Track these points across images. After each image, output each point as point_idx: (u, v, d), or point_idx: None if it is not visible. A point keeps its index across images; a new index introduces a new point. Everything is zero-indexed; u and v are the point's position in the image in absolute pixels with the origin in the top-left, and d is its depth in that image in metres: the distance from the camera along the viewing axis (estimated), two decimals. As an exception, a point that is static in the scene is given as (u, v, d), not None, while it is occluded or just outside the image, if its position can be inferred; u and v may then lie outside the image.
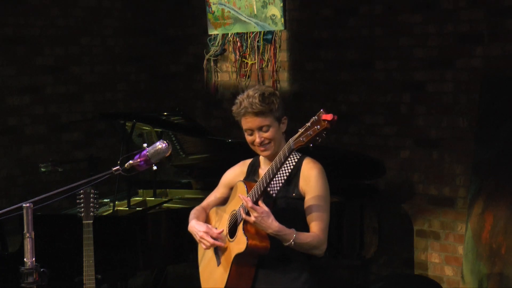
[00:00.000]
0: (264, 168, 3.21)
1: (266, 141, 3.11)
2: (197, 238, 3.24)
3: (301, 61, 6.09)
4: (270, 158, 3.14)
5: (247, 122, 3.11)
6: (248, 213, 3.01)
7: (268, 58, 6.23)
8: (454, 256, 5.34)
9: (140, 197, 5.48)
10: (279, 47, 6.15)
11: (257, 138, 3.10)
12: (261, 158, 3.26)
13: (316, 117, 2.82)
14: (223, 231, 3.20)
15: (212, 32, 6.51)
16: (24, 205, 2.79)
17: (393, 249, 5.65)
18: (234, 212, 3.16)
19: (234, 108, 3.15)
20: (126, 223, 4.79)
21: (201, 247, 3.34)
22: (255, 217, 2.96)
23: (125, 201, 5.15)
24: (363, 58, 5.71)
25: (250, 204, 2.95)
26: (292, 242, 2.98)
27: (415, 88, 5.45)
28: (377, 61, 5.64)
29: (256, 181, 3.09)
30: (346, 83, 5.82)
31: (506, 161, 4.86)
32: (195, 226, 3.25)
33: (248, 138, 3.15)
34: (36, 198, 2.89)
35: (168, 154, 3.12)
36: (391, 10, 5.53)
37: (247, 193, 3.04)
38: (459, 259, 5.27)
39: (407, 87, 5.49)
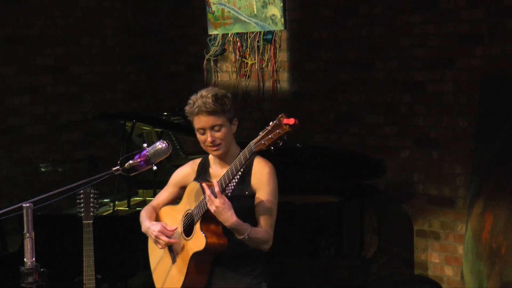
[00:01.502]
0: (214, 168, 3.29)
1: (218, 141, 3.19)
2: (152, 238, 3.30)
3: (301, 61, 6.09)
4: (221, 157, 3.24)
5: (200, 122, 3.19)
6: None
7: (268, 58, 6.23)
8: (454, 256, 5.34)
9: (140, 197, 5.48)
10: (279, 47, 6.15)
11: (209, 137, 3.18)
12: (211, 158, 3.33)
13: (277, 121, 2.89)
14: (176, 228, 3.27)
15: (212, 32, 6.51)
16: (24, 205, 2.79)
17: (393, 249, 5.65)
18: (190, 212, 3.23)
19: (187, 107, 3.25)
20: (126, 223, 4.78)
21: (151, 248, 3.44)
22: (218, 205, 3.02)
23: (125, 201, 5.15)
24: (363, 58, 5.71)
25: (217, 189, 3.02)
26: (246, 236, 3.07)
27: (415, 88, 5.45)
28: (377, 61, 5.64)
29: (208, 180, 3.18)
30: (346, 83, 5.82)
31: (506, 161, 4.86)
32: (150, 227, 3.31)
33: (200, 138, 3.23)
34: (36, 198, 2.89)
35: (168, 154, 3.12)
36: (391, 10, 5.53)
37: (203, 193, 3.10)
38: (459, 259, 5.27)
39: (407, 87, 5.49)
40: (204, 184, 3.10)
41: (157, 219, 3.43)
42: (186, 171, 3.41)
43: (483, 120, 5.03)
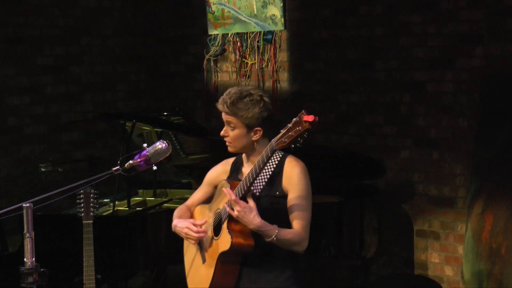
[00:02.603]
0: (247, 167, 3.25)
1: (226, 138, 3.20)
2: (182, 235, 3.29)
3: (301, 61, 6.09)
4: (251, 156, 3.21)
5: (222, 114, 3.23)
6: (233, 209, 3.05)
7: (268, 58, 6.23)
8: (454, 256, 5.34)
9: (140, 197, 5.49)
10: (279, 47, 6.15)
11: (222, 130, 3.22)
12: (244, 157, 3.30)
13: (297, 118, 2.86)
14: (205, 222, 3.24)
15: (212, 32, 6.51)
16: (24, 205, 2.79)
17: (393, 249, 5.65)
18: (219, 210, 3.20)
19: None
20: (126, 223, 4.79)
21: (186, 245, 3.42)
22: (237, 211, 2.99)
23: (125, 201, 5.15)
24: (363, 58, 5.71)
25: (233, 197, 3.00)
26: (274, 238, 3.01)
27: (415, 88, 5.45)
28: (377, 61, 5.64)
29: (239, 180, 3.13)
30: (346, 83, 5.82)
31: (506, 161, 4.86)
32: (178, 225, 3.31)
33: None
34: (36, 198, 2.88)
35: (168, 154, 3.12)
36: (391, 10, 5.53)
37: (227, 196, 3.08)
38: (459, 259, 5.27)
39: (407, 87, 5.49)
40: (226, 190, 3.05)
41: (191, 218, 3.40)
42: (219, 170, 3.39)
43: (483, 120, 5.03)
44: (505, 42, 4.98)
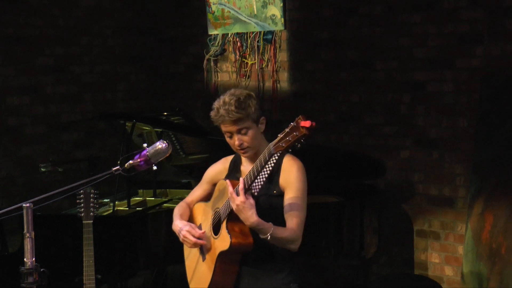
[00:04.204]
0: (245, 165, 3.28)
1: (245, 144, 3.18)
2: (180, 237, 3.31)
3: (301, 61, 6.09)
4: (251, 156, 3.22)
5: (226, 127, 3.18)
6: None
7: (268, 58, 6.23)
8: (454, 256, 5.34)
9: (140, 197, 5.48)
10: (279, 47, 6.15)
11: (236, 140, 3.18)
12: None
13: (294, 123, 2.86)
14: (204, 232, 3.26)
15: (212, 32, 6.51)
16: (24, 205, 2.79)
17: (393, 249, 5.66)
18: (218, 210, 3.22)
19: (212, 114, 3.20)
20: (126, 223, 4.78)
21: (186, 246, 3.43)
22: (238, 203, 3.01)
23: (125, 201, 5.15)
24: (363, 58, 5.71)
25: (241, 186, 3.01)
26: (269, 236, 3.03)
27: (415, 88, 5.45)
28: (377, 61, 5.64)
29: (238, 178, 3.14)
30: (346, 83, 5.82)
31: (506, 161, 4.86)
32: (179, 225, 3.33)
33: (229, 141, 3.23)
34: (36, 198, 2.88)
35: (168, 154, 3.12)
36: (391, 10, 5.53)
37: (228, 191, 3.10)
38: (459, 259, 5.27)
39: (407, 87, 5.49)
40: (228, 182, 3.09)
41: (191, 215, 3.43)
42: (218, 168, 3.41)
43: (483, 120, 5.03)
44: (505, 42, 4.98)
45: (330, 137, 5.88)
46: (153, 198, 5.42)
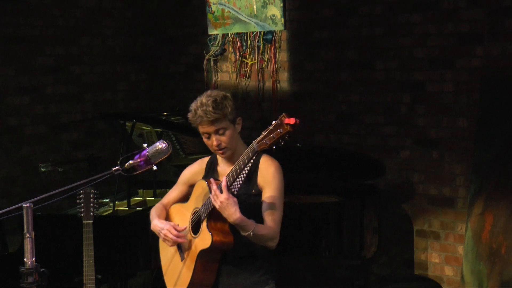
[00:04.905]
0: (222, 166, 3.33)
1: (223, 145, 3.22)
2: (161, 236, 3.35)
3: (301, 61, 6.09)
4: (228, 156, 3.28)
5: (203, 128, 3.23)
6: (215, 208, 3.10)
7: (268, 58, 6.23)
8: (454, 256, 5.34)
9: (140, 197, 5.48)
10: (279, 47, 6.15)
11: (214, 141, 3.22)
12: (219, 156, 3.36)
13: (278, 120, 2.92)
14: (185, 228, 3.30)
15: (212, 32, 6.51)
16: (24, 205, 2.79)
17: (393, 249, 5.65)
18: (197, 209, 3.27)
19: (190, 115, 3.25)
20: (126, 223, 4.78)
21: (162, 246, 3.48)
22: (222, 200, 3.05)
23: (125, 201, 5.15)
24: (363, 58, 5.71)
25: (224, 183, 3.06)
26: (251, 233, 3.10)
27: (415, 88, 5.45)
28: (377, 61, 5.64)
29: (216, 179, 3.19)
30: (346, 83, 5.82)
31: (506, 161, 4.86)
32: (158, 225, 3.36)
33: (206, 142, 3.27)
34: (36, 198, 2.89)
35: (168, 154, 3.13)
36: (391, 10, 5.53)
37: (210, 190, 3.14)
38: (459, 259, 5.27)
39: (407, 87, 5.49)
40: (212, 180, 3.12)
41: (167, 217, 3.47)
42: (195, 170, 3.46)
43: (483, 120, 5.03)
44: (505, 42, 4.98)
45: (330, 137, 5.88)
46: (153, 198, 5.42)
